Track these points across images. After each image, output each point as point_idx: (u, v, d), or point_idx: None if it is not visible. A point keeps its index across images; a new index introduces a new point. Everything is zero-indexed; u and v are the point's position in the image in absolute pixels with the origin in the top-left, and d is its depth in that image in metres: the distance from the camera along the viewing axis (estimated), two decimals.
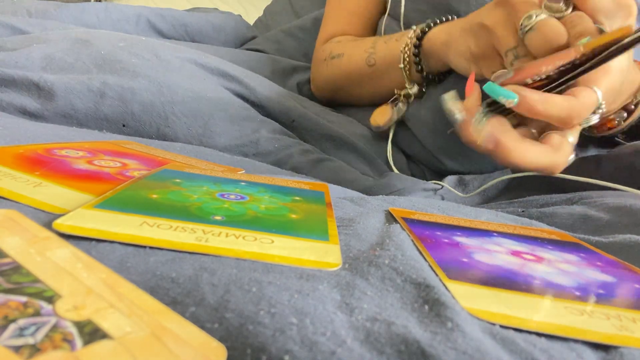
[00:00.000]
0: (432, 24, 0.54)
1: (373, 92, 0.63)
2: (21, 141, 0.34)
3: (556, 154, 0.36)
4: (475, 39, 0.44)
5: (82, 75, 0.47)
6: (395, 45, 0.57)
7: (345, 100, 0.68)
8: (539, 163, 0.36)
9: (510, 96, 0.35)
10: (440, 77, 0.56)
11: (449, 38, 0.49)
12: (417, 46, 0.54)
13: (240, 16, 0.99)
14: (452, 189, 0.49)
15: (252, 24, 1.06)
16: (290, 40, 0.89)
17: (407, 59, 0.55)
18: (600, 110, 0.37)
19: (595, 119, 0.38)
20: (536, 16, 0.38)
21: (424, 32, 0.54)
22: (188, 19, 0.86)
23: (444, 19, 0.54)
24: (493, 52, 0.43)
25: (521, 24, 0.38)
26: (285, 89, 0.63)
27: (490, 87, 0.36)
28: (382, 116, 0.58)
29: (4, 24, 0.60)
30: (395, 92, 0.58)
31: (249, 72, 0.60)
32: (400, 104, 0.58)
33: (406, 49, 0.55)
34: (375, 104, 0.62)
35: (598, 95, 0.36)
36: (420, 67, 0.54)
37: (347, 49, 0.65)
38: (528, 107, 0.35)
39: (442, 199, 0.49)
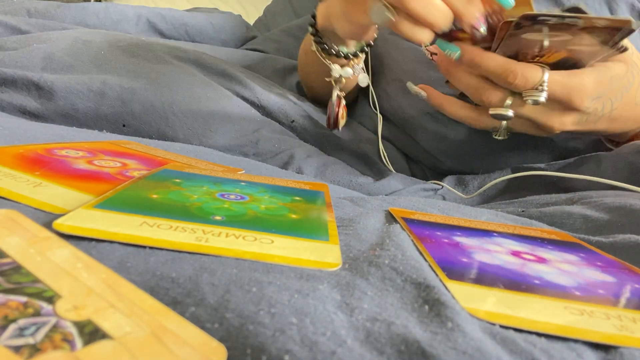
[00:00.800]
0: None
1: (320, 82, 0.61)
2: (21, 141, 0.34)
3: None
4: None
5: (83, 75, 0.47)
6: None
7: (311, 93, 0.67)
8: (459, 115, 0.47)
9: (454, 49, 0.42)
10: (355, 52, 0.53)
11: (327, 8, 0.49)
12: (313, 24, 0.53)
13: (240, 16, 0.99)
14: (452, 190, 0.49)
15: (252, 24, 1.06)
16: (290, 40, 0.89)
17: (314, 41, 0.53)
18: (542, 91, 0.41)
19: (542, 97, 0.41)
20: None
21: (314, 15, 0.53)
22: (188, 19, 0.86)
23: None
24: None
25: None
26: (285, 89, 0.63)
27: (439, 43, 0.43)
28: (341, 120, 0.56)
29: (4, 24, 0.60)
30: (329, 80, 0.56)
31: (249, 72, 0.60)
32: (337, 92, 0.55)
33: (310, 31, 0.54)
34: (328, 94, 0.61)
35: (544, 75, 0.40)
36: (325, 45, 0.52)
37: (303, 43, 0.65)
38: (469, 59, 0.42)
39: (444, 199, 0.49)
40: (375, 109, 0.61)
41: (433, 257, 0.24)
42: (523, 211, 0.40)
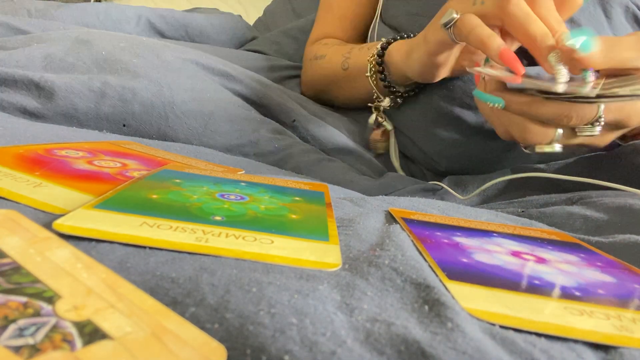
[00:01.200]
0: (397, 38, 0.56)
1: (348, 96, 0.64)
2: (21, 141, 0.34)
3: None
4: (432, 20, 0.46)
5: (83, 75, 0.47)
6: (366, 53, 0.58)
7: (327, 100, 0.68)
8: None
9: (496, 101, 0.39)
10: (406, 92, 0.56)
11: (408, 48, 0.51)
12: (381, 55, 0.55)
13: (240, 16, 0.99)
14: (451, 190, 0.49)
15: (252, 25, 1.06)
16: (289, 42, 0.89)
17: (372, 69, 0.56)
18: (599, 124, 0.38)
19: (596, 131, 0.38)
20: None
21: (388, 43, 0.55)
22: (188, 19, 0.86)
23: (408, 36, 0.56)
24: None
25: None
26: (285, 89, 0.63)
27: (477, 94, 0.41)
28: (378, 144, 0.59)
29: (4, 24, 0.60)
30: (370, 105, 0.58)
31: (249, 72, 0.60)
32: (383, 122, 0.58)
33: (371, 58, 0.56)
34: (351, 106, 0.63)
35: (599, 109, 0.37)
36: (383, 75, 0.55)
37: (330, 51, 0.66)
38: (517, 108, 0.39)
39: (442, 199, 0.49)
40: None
41: (433, 257, 0.24)
42: (523, 211, 0.40)
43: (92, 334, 0.14)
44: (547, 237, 0.31)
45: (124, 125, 0.47)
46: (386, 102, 0.56)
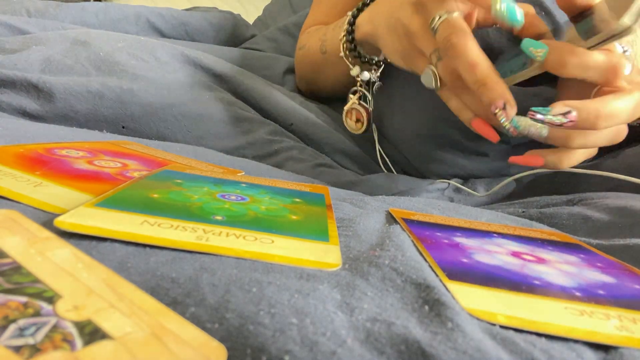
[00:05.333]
0: (360, 8, 0.53)
1: (333, 82, 0.61)
2: (21, 141, 0.34)
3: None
4: (400, 41, 0.44)
5: (81, 76, 0.47)
6: (339, 32, 0.55)
7: (317, 91, 0.66)
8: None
9: (539, 46, 0.34)
10: (385, 60, 0.53)
11: (375, 31, 0.48)
12: (351, 32, 0.52)
13: (240, 15, 0.99)
14: (465, 188, 0.49)
15: (251, 23, 1.06)
16: (287, 38, 0.89)
17: (345, 47, 0.53)
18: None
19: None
20: (439, 17, 0.38)
21: (354, 17, 0.53)
22: (187, 18, 0.86)
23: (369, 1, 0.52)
24: (419, 52, 0.42)
25: (431, 28, 0.39)
26: (284, 89, 0.63)
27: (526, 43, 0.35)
28: (353, 121, 0.57)
29: (4, 23, 0.59)
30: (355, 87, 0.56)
31: (247, 73, 0.60)
32: (364, 96, 0.56)
33: (343, 37, 0.53)
34: (338, 93, 0.61)
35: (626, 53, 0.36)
36: (357, 53, 0.52)
37: (310, 39, 0.64)
38: (559, 61, 0.33)
39: (451, 200, 0.49)
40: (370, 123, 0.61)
41: (433, 257, 0.24)
42: (524, 212, 0.40)
43: (92, 334, 0.14)
44: (547, 237, 0.32)
45: (123, 127, 0.47)
46: (365, 76, 0.53)
